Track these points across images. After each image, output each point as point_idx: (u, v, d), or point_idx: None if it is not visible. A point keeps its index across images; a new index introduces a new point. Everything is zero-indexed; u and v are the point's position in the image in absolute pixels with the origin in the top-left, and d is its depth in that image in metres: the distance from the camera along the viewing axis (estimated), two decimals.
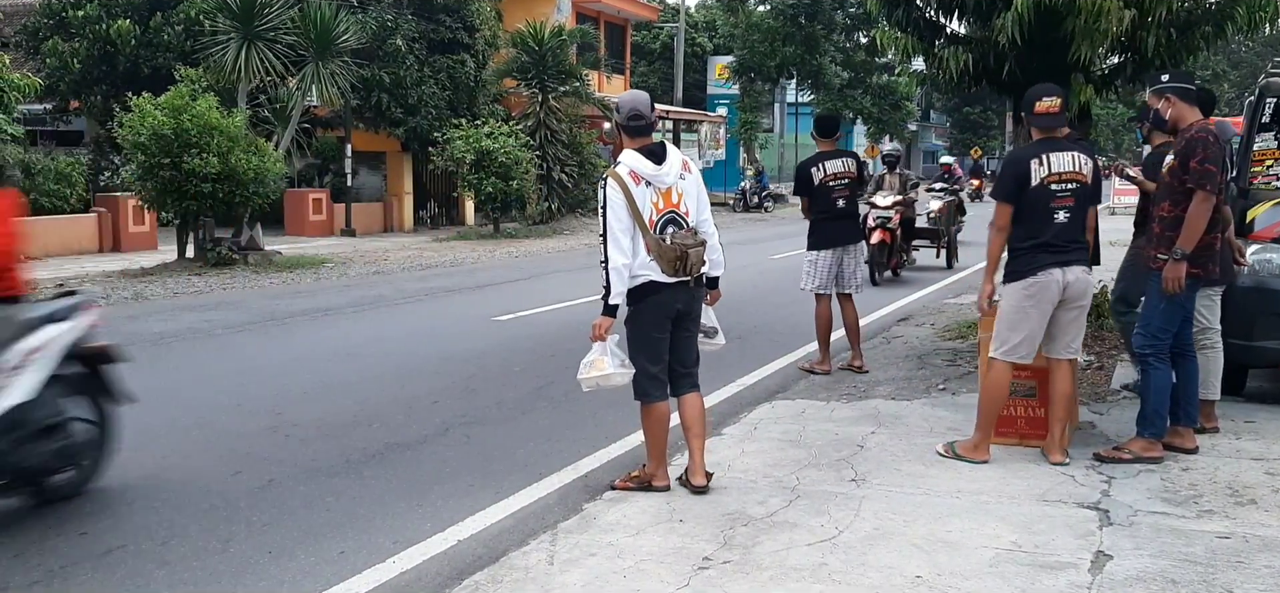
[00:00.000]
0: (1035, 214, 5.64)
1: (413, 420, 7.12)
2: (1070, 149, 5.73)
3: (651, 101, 5.36)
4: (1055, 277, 5.64)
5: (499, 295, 13.78)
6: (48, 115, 23.61)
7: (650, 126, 5.27)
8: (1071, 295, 5.72)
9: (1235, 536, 4.74)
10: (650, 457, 5.41)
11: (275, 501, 5.51)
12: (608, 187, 5.09)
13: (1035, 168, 5.64)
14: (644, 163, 5.13)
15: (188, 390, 8.07)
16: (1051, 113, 5.72)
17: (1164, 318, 5.79)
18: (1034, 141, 5.77)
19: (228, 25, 18.01)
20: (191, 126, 14.97)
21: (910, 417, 6.96)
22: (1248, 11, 8.60)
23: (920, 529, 4.83)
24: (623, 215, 5.06)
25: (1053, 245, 5.64)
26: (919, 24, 9.44)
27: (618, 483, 5.49)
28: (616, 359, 5.21)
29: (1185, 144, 5.69)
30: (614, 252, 5.05)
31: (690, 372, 5.45)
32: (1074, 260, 5.70)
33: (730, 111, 42.17)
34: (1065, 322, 5.78)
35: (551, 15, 29.35)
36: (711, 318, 5.61)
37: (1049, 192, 5.63)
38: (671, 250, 5.08)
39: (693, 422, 5.43)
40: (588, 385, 5.26)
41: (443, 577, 4.50)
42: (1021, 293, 5.70)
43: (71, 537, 4.98)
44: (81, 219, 19.27)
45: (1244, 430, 6.50)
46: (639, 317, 5.24)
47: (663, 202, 5.15)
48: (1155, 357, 5.82)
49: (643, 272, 5.12)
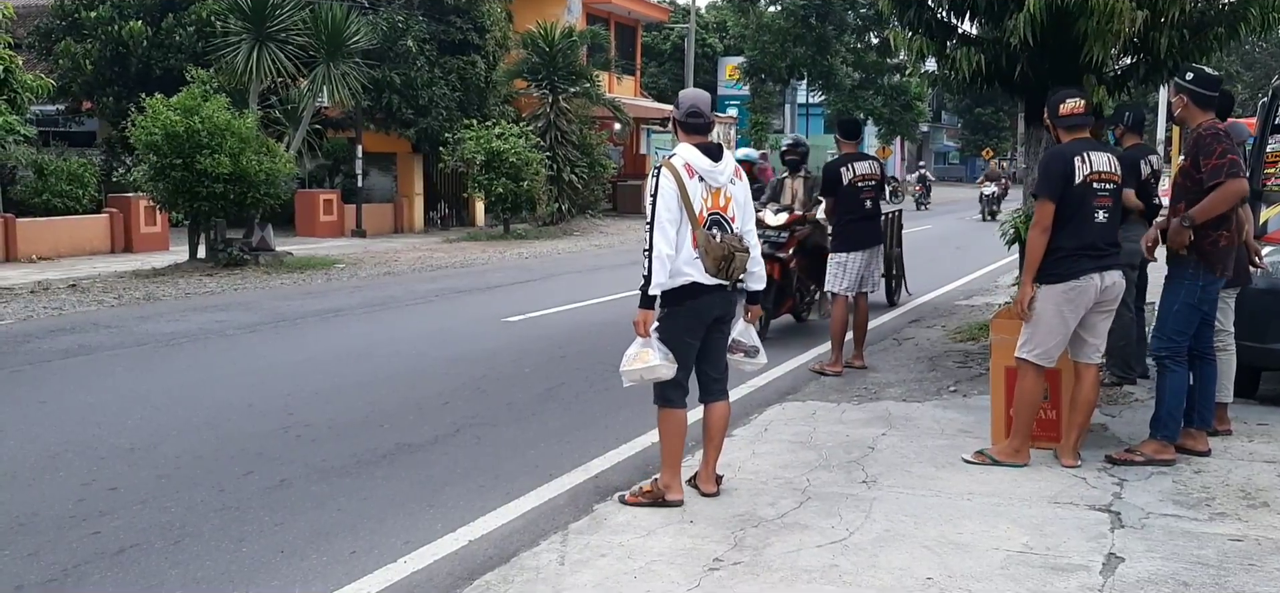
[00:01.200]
0: (1078, 213, 5.54)
1: (424, 421, 7.13)
2: (1103, 150, 5.71)
3: (712, 101, 5.27)
4: (1095, 281, 5.58)
5: (509, 296, 13.79)
6: (60, 116, 23.73)
7: (708, 126, 5.23)
8: (1107, 298, 5.67)
9: (1248, 538, 4.73)
10: (664, 467, 5.25)
11: (287, 501, 5.53)
12: (661, 175, 5.03)
13: (1079, 165, 5.56)
14: (700, 158, 5.07)
15: (199, 391, 8.10)
16: (1077, 113, 5.69)
17: (1180, 320, 5.76)
18: (1071, 142, 5.69)
19: (239, 26, 18.07)
20: (203, 127, 15.03)
21: (921, 419, 6.95)
22: (1261, 12, 8.57)
23: (931, 531, 4.83)
24: (672, 205, 4.98)
25: (1094, 249, 5.57)
26: (931, 25, 9.43)
27: (628, 497, 5.29)
28: (661, 351, 5.07)
29: (1195, 142, 5.68)
30: (660, 240, 4.94)
31: (721, 379, 5.36)
32: (1112, 263, 5.65)
33: (741, 113, 42.15)
34: (1094, 324, 5.72)
35: (562, 16, 29.39)
36: (753, 337, 5.52)
37: (1091, 189, 5.56)
38: (720, 248, 5.00)
39: (715, 432, 5.36)
40: (630, 379, 5.11)
41: (454, 577, 4.50)
42: (1061, 297, 5.60)
43: (85, 536, 5.00)
44: (93, 220, 19.35)
45: (1257, 433, 6.48)
46: (674, 319, 5.11)
47: (712, 201, 5.09)
48: (1171, 359, 5.79)
49: (686, 270, 5.01)
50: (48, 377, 8.70)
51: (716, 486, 5.37)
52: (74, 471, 5.98)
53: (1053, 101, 5.79)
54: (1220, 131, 5.63)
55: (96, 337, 10.53)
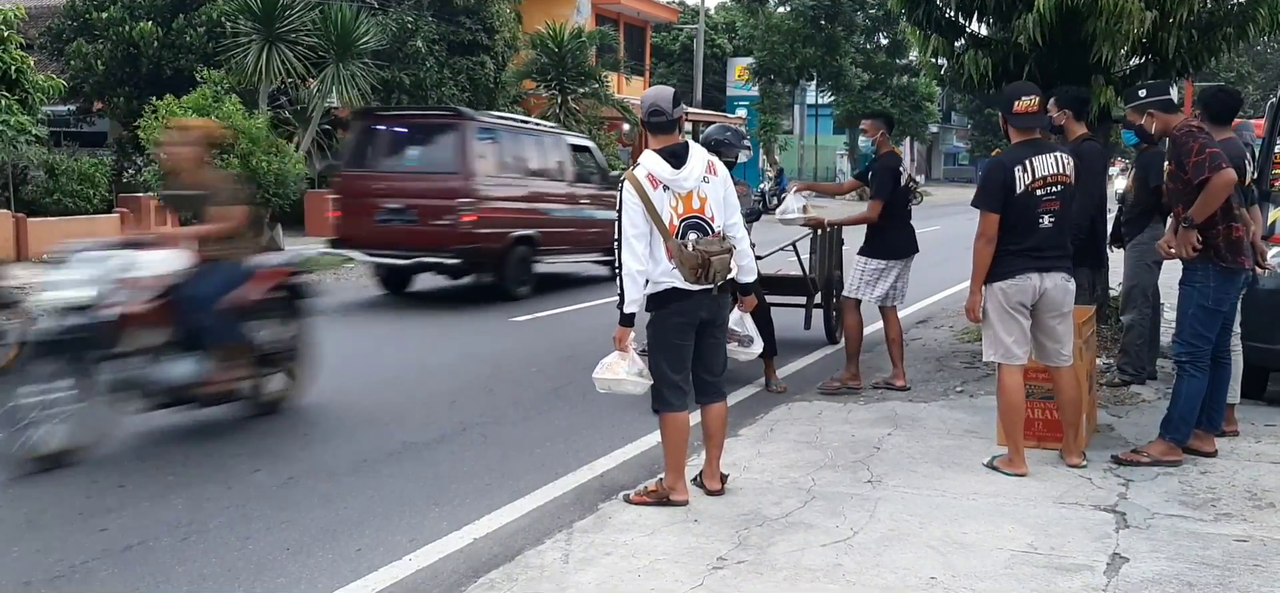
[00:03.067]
0: (1022, 221, 5.52)
1: (431, 420, 7.16)
2: (1052, 151, 5.63)
3: (676, 97, 5.12)
4: (1032, 280, 5.56)
5: (517, 297, 13.79)
6: (72, 116, 23.81)
7: (672, 124, 5.06)
8: (1050, 302, 5.62)
9: (1253, 539, 4.72)
10: (668, 469, 5.24)
11: (293, 498, 5.55)
12: (623, 190, 4.97)
13: (1019, 175, 5.51)
14: (662, 166, 4.96)
15: None
16: (1031, 112, 5.60)
17: (1197, 323, 5.72)
18: (1015, 146, 5.63)
19: (249, 27, 18.15)
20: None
21: (927, 419, 6.95)
22: (1270, 12, 8.56)
23: (936, 531, 4.83)
24: (638, 220, 4.92)
25: (1037, 251, 5.55)
26: (939, 24, 9.43)
27: (633, 496, 5.29)
28: (634, 367, 5.11)
29: (1172, 145, 5.69)
30: (627, 257, 4.90)
31: (717, 380, 5.30)
32: (1055, 266, 5.59)
33: (750, 113, 42.14)
34: (1051, 328, 5.70)
35: (571, 17, 29.45)
36: (747, 325, 5.50)
37: (1034, 198, 5.52)
38: (693, 257, 4.89)
39: (715, 431, 5.34)
40: (601, 386, 5.19)
41: (459, 575, 4.52)
42: (1000, 295, 5.62)
43: (92, 533, 5.03)
44: (104, 220, 19.33)
45: (1264, 433, 6.47)
46: (662, 323, 5.08)
47: (682, 206, 4.97)
48: (1192, 364, 5.74)
49: (665, 279, 4.97)
50: None
51: (721, 483, 5.37)
52: (81, 468, 6.00)
53: (1007, 97, 5.70)
54: (1193, 129, 5.61)
55: None
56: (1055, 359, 5.75)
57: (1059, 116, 6.84)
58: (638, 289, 4.94)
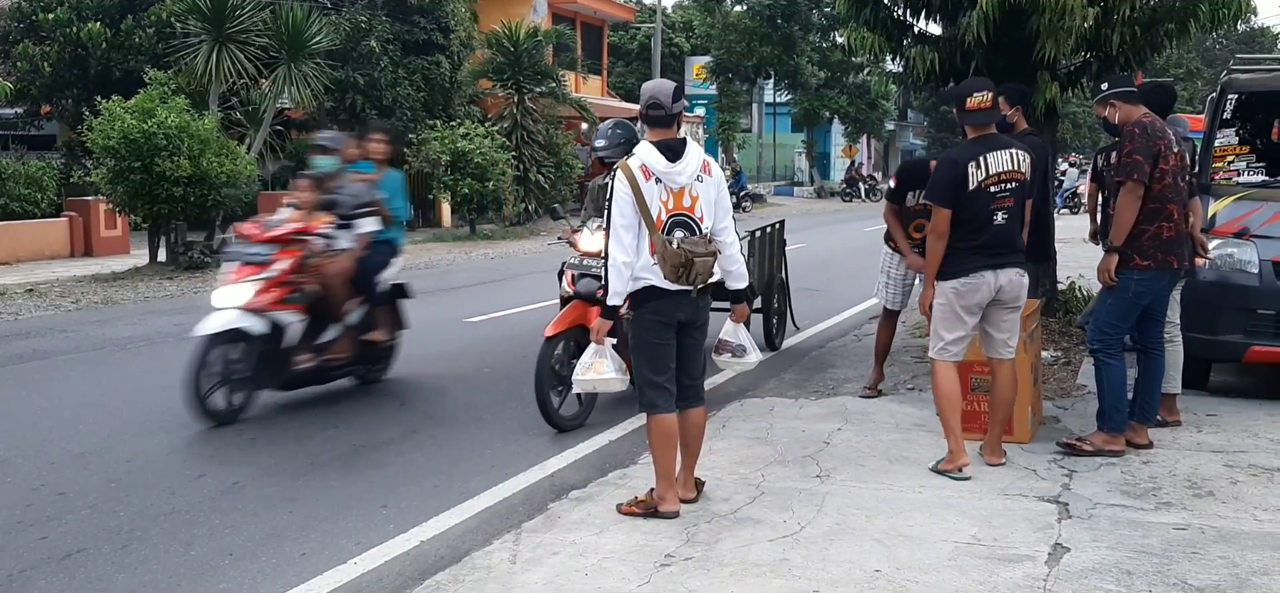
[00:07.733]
0: (975, 218, 5.51)
1: (380, 423, 7.10)
2: (1007, 147, 5.60)
3: (677, 92, 4.98)
4: (987, 279, 5.55)
5: (473, 297, 13.75)
6: (19, 119, 23.40)
7: (671, 118, 4.93)
8: (1005, 297, 5.63)
9: (1192, 527, 4.80)
10: (658, 478, 5.03)
11: (238, 504, 5.49)
12: (616, 178, 4.86)
13: (972, 171, 5.49)
14: (657, 158, 4.85)
15: (154, 394, 8.00)
16: (984, 108, 5.56)
17: (1113, 314, 5.82)
18: (969, 141, 5.60)
19: (199, 27, 17.91)
20: (161, 130, 14.84)
21: (877, 414, 6.99)
22: (1211, 8, 8.69)
23: (882, 524, 4.86)
24: (627, 211, 4.80)
25: (987, 247, 5.53)
26: (887, 23, 9.50)
27: (623, 507, 5.09)
28: (616, 363, 5.05)
29: (1120, 139, 5.77)
30: (615, 248, 4.80)
31: (695, 383, 5.14)
32: (1008, 263, 5.59)
33: (708, 112, 42.22)
34: (1000, 321, 5.71)
35: (527, 16, 29.29)
36: (741, 336, 5.37)
37: (988, 193, 5.50)
38: (676, 255, 4.78)
39: (692, 438, 5.16)
40: (582, 386, 5.13)
41: (404, 577, 4.49)
42: (952, 293, 5.60)
43: (32, 541, 4.94)
44: (52, 224, 19.10)
45: (1206, 423, 6.57)
46: (640, 321, 4.95)
47: (673, 202, 4.86)
48: (1105, 352, 5.83)
49: (644, 275, 4.85)
50: (1, 382, 8.59)
51: (696, 491, 5.24)
52: (23, 476, 5.91)
53: (960, 94, 5.68)
54: (1136, 132, 5.67)
55: (52, 342, 10.40)
56: (1000, 351, 5.77)
57: (1011, 113, 6.86)
58: (622, 281, 4.83)
